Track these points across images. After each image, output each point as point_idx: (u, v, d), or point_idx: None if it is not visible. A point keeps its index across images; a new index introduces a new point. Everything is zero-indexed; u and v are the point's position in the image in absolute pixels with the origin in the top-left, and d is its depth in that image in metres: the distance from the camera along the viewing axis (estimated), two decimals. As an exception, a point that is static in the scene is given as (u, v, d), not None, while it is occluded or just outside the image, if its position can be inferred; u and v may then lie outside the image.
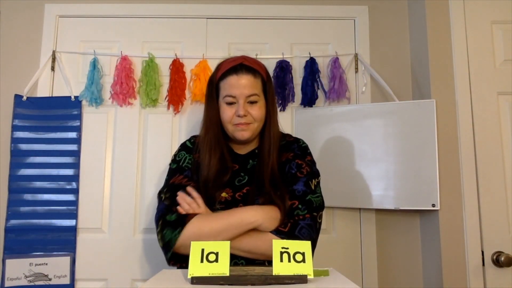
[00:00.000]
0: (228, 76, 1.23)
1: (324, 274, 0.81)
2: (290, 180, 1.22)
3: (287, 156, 1.28)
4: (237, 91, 1.21)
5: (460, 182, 1.72)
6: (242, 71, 1.23)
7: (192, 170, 1.26)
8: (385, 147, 1.78)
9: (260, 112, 1.24)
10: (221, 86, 1.25)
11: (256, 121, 1.25)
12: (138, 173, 1.90)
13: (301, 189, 1.20)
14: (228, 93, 1.22)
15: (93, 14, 1.99)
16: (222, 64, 1.29)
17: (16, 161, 1.85)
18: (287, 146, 1.31)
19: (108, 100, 1.92)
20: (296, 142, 1.34)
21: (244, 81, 1.22)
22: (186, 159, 1.29)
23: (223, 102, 1.24)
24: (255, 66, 1.27)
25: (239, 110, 1.21)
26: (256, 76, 1.25)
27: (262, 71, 1.28)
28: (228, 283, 0.73)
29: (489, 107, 1.76)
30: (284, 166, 1.26)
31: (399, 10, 2.03)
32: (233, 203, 1.20)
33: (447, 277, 1.68)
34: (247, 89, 1.22)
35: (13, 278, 1.75)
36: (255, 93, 1.23)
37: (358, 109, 1.86)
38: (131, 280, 1.84)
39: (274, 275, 0.73)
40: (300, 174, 1.23)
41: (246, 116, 1.22)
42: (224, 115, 1.24)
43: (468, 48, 1.79)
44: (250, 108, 1.23)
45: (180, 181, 1.23)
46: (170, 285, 0.74)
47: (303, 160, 1.27)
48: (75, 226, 1.83)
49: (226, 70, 1.25)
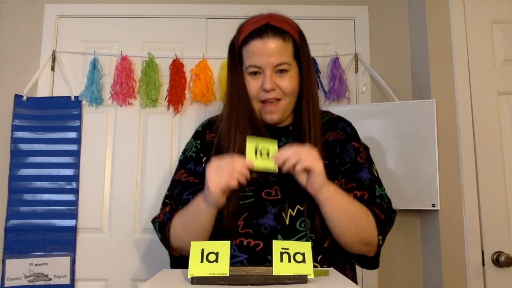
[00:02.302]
0: (251, 41, 1.02)
1: (324, 274, 0.81)
2: (352, 167, 1.05)
3: (335, 135, 1.09)
4: (262, 59, 1.00)
5: (460, 182, 1.72)
6: (268, 33, 1.01)
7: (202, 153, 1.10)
8: (385, 147, 1.78)
9: (291, 83, 1.03)
10: (243, 54, 1.04)
11: (287, 96, 1.03)
12: (138, 173, 1.90)
13: (366, 177, 1.04)
14: (251, 62, 1.02)
15: (93, 14, 1.99)
16: (244, 26, 1.07)
17: (16, 161, 1.85)
18: (332, 124, 1.12)
19: (108, 100, 1.92)
20: (343, 120, 1.15)
21: (270, 47, 1.00)
22: (192, 147, 1.14)
23: (246, 73, 1.04)
24: (285, 26, 1.04)
25: (266, 83, 1.00)
26: (285, 39, 1.03)
27: (293, 31, 1.05)
28: (228, 283, 0.73)
29: (489, 107, 1.76)
30: (333, 148, 1.07)
31: (399, 10, 2.03)
32: (266, 185, 1.03)
33: (447, 277, 1.68)
34: (275, 57, 1.00)
35: (13, 278, 1.75)
36: (285, 61, 1.02)
37: (358, 109, 1.86)
38: (131, 280, 1.84)
39: (274, 275, 0.74)
40: (361, 160, 1.06)
41: (274, 90, 1.02)
42: (248, 89, 1.04)
43: (468, 48, 1.79)
44: (279, 80, 1.02)
45: (180, 178, 1.11)
46: (170, 285, 0.74)
47: (359, 143, 1.10)
48: (75, 226, 1.83)
49: (249, 33, 1.03)
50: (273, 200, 1.02)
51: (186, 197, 1.07)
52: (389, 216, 1.06)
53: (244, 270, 0.78)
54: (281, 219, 1.00)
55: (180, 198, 1.08)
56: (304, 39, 1.09)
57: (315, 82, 1.09)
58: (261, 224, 1.00)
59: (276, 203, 1.02)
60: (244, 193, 1.02)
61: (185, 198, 1.07)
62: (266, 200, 1.02)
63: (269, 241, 0.94)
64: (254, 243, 0.99)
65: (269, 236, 0.99)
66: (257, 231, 1.00)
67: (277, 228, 1.00)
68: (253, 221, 1.01)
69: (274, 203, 1.02)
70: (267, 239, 0.98)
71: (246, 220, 1.01)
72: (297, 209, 1.01)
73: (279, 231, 1.00)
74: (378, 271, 1.84)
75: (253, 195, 1.03)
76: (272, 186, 1.03)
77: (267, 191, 1.03)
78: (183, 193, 1.08)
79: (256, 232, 1.00)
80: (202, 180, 1.02)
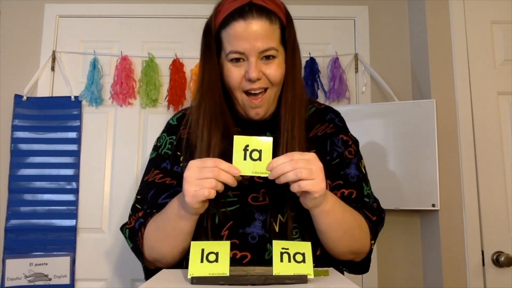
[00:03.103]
0: (232, 23, 0.87)
1: (324, 274, 0.81)
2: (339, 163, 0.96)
3: (324, 129, 0.99)
4: (246, 44, 0.86)
5: (460, 182, 1.72)
6: (252, 14, 0.86)
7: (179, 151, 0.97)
8: (385, 147, 1.78)
9: (279, 71, 0.90)
10: (223, 37, 0.89)
11: (274, 85, 0.91)
12: (138, 173, 1.90)
13: (354, 174, 0.95)
14: (233, 48, 0.87)
15: (93, 14, 1.99)
16: (223, 4, 0.90)
17: (16, 161, 1.85)
18: (319, 116, 1.01)
19: (108, 100, 1.92)
20: (331, 111, 1.03)
21: (255, 29, 0.86)
22: (166, 144, 1.00)
23: (226, 60, 0.90)
24: (270, 5, 0.89)
25: (250, 72, 0.87)
26: (272, 20, 0.88)
27: (280, 12, 0.91)
28: (228, 283, 0.73)
29: (489, 107, 1.76)
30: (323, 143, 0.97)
31: (399, 10, 2.03)
32: (252, 189, 0.92)
33: (447, 277, 1.67)
34: (261, 41, 0.86)
35: (13, 278, 1.75)
36: (272, 46, 0.88)
37: (358, 109, 1.86)
38: (131, 280, 1.84)
39: (274, 275, 0.73)
40: (349, 155, 0.97)
41: (260, 80, 0.89)
42: (229, 78, 0.90)
43: (468, 48, 1.79)
44: (266, 67, 0.89)
45: (154, 178, 0.98)
46: (170, 285, 0.74)
47: (348, 136, 1.00)
48: (75, 226, 1.83)
49: (229, 13, 0.88)
50: (260, 206, 0.91)
51: (163, 201, 0.95)
52: (380, 217, 0.98)
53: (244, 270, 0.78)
54: (270, 227, 0.90)
55: (154, 202, 0.96)
56: (291, 20, 0.94)
57: (300, 67, 0.96)
58: (248, 233, 0.90)
59: (264, 209, 0.91)
60: (226, 200, 0.90)
61: (162, 203, 0.94)
62: (253, 206, 0.91)
63: (257, 252, 0.88)
64: (241, 254, 0.89)
65: (257, 246, 0.89)
66: (244, 241, 0.89)
67: (266, 237, 0.90)
68: (239, 230, 0.90)
69: (261, 209, 0.91)
70: (255, 250, 0.89)
71: (231, 229, 0.90)
72: (287, 214, 0.91)
73: (268, 240, 0.89)
74: (378, 271, 1.84)
75: (238, 201, 0.91)
76: (259, 190, 0.92)
77: (253, 195, 0.92)
78: (159, 196, 0.96)
79: (242, 243, 0.89)
80: (178, 181, 0.92)
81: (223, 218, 0.91)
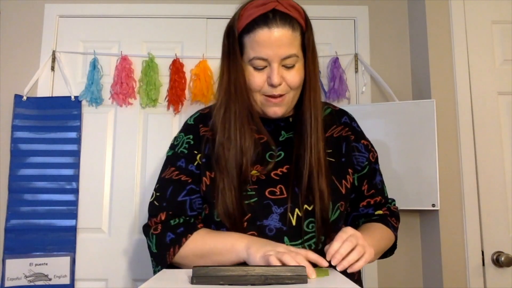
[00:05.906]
0: (256, 29, 0.90)
1: (324, 274, 0.81)
2: (370, 173, 1.05)
3: (339, 131, 1.05)
4: (270, 51, 0.89)
5: (460, 182, 1.72)
6: (276, 21, 0.90)
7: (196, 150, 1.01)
8: (385, 147, 1.78)
9: (298, 77, 0.94)
10: (246, 42, 0.93)
11: (292, 90, 0.95)
12: (138, 173, 1.90)
13: (379, 180, 1.05)
14: (257, 54, 0.91)
15: (93, 14, 1.99)
16: (246, 9, 0.94)
17: (16, 161, 1.85)
18: (335, 117, 1.06)
19: (108, 100, 1.93)
20: (346, 114, 1.10)
21: (278, 37, 0.89)
22: (183, 143, 1.04)
23: (249, 65, 0.94)
24: (293, 12, 0.93)
25: (273, 78, 0.91)
26: (294, 27, 0.92)
27: (300, 18, 0.95)
28: (228, 283, 0.73)
29: (489, 107, 1.76)
30: (338, 144, 1.03)
31: (399, 10, 2.03)
32: (269, 184, 0.96)
33: (447, 277, 1.68)
34: (283, 48, 0.90)
35: (13, 278, 1.75)
36: (293, 53, 0.92)
37: (358, 109, 1.86)
38: (131, 280, 1.84)
39: (274, 275, 0.73)
40: (372, 159, 1.05)
41: (280, 85, 0.93)
42: (251, 82, 0.94)
43: (468, 48, 1.79)
44: (286, 73, 0.93)
45: (171, 176, 1.01)
46: (170, 285, 0.74)
47: (367, 140, 1.07)
48: (75, 226, 1.83)
49: (253, 19, 0.91)
50: (278, 200, 0.95)
51: (182, 199, 0.99)
52: (399, 217, 1.11)
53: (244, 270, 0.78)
54: (287, 220, 0.94)
55: (174, 200, 0.99)
56: (310, 25, 0.98)
57: (318, 73, 1.01)
58: (265, 225, 0.93)
59: (281, 203, 0.94)
60: (246, 193, 0.94)
61: (181, 200, 0.99)
62: (270, 199, 0.95)
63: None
64: None
65: (274, 238, 0.92)
66: (262, 233, 0.93)
67: (283, 230, 0.93)
68: (256, 222, 0.94)
69: (279, 202, 0.94)
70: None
71: (249, 221, 0.94)
72: (304, 209, 0.94)
73: (285, 232, 0.93)
74: (378, 271, 1.85)
75: (256, 194, 0.95)
76: (276, 185, 0.95)
77: (270, 189, 0.95)
78: (178, 194, 0.99)
79: (260, 234, 0.93)
80: (193, 179, 0.98)
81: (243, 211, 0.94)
